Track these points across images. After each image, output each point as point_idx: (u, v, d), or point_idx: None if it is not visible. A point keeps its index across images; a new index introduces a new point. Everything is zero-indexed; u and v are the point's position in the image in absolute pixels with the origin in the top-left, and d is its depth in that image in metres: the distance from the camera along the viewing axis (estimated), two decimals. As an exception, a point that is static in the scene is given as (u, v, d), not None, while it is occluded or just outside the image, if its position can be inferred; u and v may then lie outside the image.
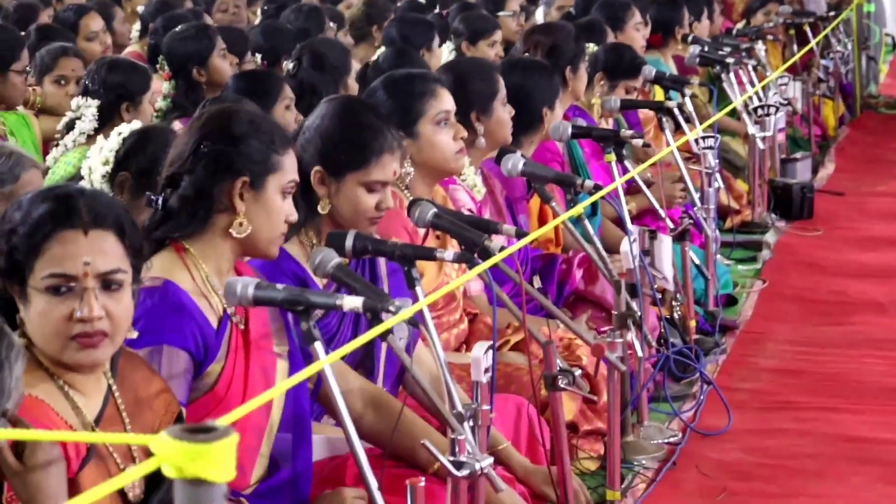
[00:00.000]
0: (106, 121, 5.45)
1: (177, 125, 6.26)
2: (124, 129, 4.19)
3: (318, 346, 2.96)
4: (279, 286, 3.01)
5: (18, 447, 2.44)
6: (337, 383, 3.57)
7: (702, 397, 5.26)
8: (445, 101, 4.64)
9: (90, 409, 2.86)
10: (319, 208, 3.84)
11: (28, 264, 2.79)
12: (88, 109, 5.47)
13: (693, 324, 5.78)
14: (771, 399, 5.40)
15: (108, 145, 4.14)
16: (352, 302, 2.97)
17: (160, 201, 3.40)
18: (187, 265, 3.37)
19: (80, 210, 2.81)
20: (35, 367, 2.83)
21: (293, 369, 3.44)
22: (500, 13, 9.26)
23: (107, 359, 2.88)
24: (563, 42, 6.38)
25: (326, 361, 2.84)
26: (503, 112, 5.24)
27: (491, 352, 3.57)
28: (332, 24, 8.46)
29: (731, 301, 6.64)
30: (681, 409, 5.20)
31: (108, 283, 2.81)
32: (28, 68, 6.11)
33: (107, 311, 2.80)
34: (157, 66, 6.58)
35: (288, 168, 3.44)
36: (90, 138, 5.31)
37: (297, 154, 3.58)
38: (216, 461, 1.77)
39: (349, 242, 3.56)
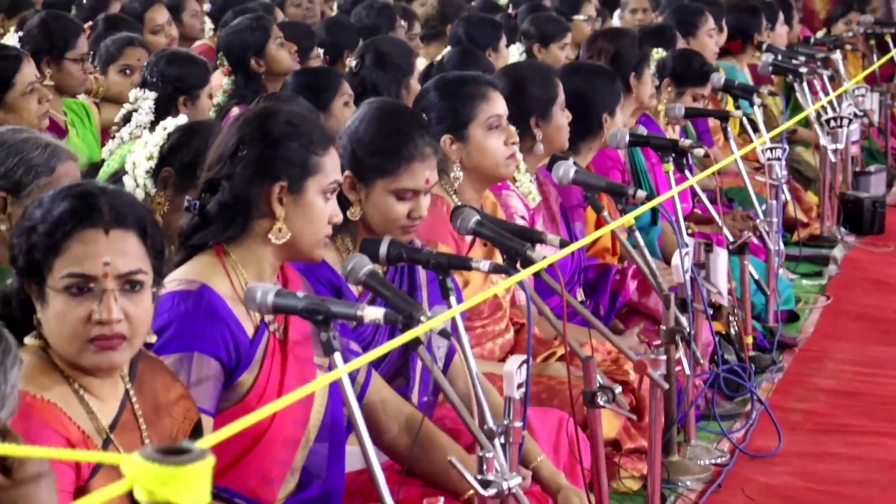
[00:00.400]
0: (163, 114, 5.39)
1: (235, 111, 6.25)
2: (169, 123, 4.13)
3: (338, 356, 2.88)
4: (299, 294, 2.94)
5: (7, 459, 2.38)
6: (373, 396, 3.52)
7: (753, 417, 5.12)
8: (497, 105, 4.55)
9: (106, 414, 2.80)
10: (349, 214, 3.76)
11: (47, 263, 2.73)
12: (146, 102, 5.43)
13: (750, 340, 5.65)
14: (825, 421, 5.26)
15: (153, 140, 4.09)
16: (373, 313, 2.89)
17: (198, 206, 3.33)
18: (227, 270, 3.28)
19: (102, 209, 2.74)
20: (51, 370, 2.77)
21: (333, 384, 3.34)
22: (575, 17, 9.15)
23: (125, 362, 2.83)
24: (627, 48, 6.27)
25: (345, 370, 2.77)
26: (562, 118, 5.15)
27: (525, 366, 3.48)
28: (403, 22, 8.39)
29: (792, 317, 6.50)
30: (731, 428, 5.08)
31: (128, 284, 2.75)
32: (86, 56, 6.07)
33: (126, 313, 2.74)
34: (217, 60, 6.56)
35: (329, 169, 3.34)
36: (149, 130, 5.27)
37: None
38: (190, 485, 1.70)
39: (383, 249, 3.49)
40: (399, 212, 3.79)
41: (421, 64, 6.86)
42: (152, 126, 5.39)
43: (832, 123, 7.87)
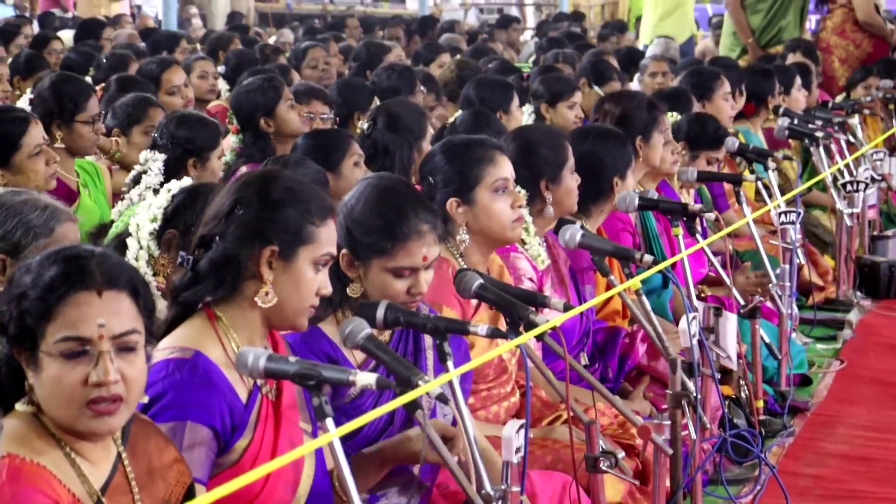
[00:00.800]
0: (172, 175, 5.42)
1: (244, 170, 6.28)
2: (174, 185, 4.15)
3: (330, 422, 2.87)
4: (291, 359, 2.94)
5: None
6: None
7: (762, 483, 5.09)
8: (504, 168, 4.56)
9: (97, 478, 2.80)
10: (349, 291, 3.76)
11: (40, 329, 2.73)
12: (155, 163, 5.46)
13: (760, 404, 5.62)
14: (835, 487, 5.21)
15: (157, 202, 4.11)
16: (365, 378, 2.89)
17: (190, 261, 3.33)
18: (219, 334, 3.28)
19: (93, 271, 2.76)
20: (43, 434, 2.77)
21: (318, 449, 3.35)
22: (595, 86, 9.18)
23: (122, 425, 2.83)
24: (634, 111, 6.27)
25: (336, 434, 2.76)
26: (571, 181, 5.16)
27: (524, 431, 3.47)
28: (422, 87, 8.42)
29: (805, 381, 6.46)
30: (739, 493, 5.04)
31: (123, 345, 2.76)
32: (97, 118, 6.12)
33: (122, 374, 2.74)
34: (227, 121, 6.61)
35: (324, 240, 3.33)
36: (156, 192, 5.29)
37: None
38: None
39: (380, 313, 3.49)
40: (397, 289, 3.77)
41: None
42: (161, 188, 5.42)
43: (848, 187, 7.85)
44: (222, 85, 9.08)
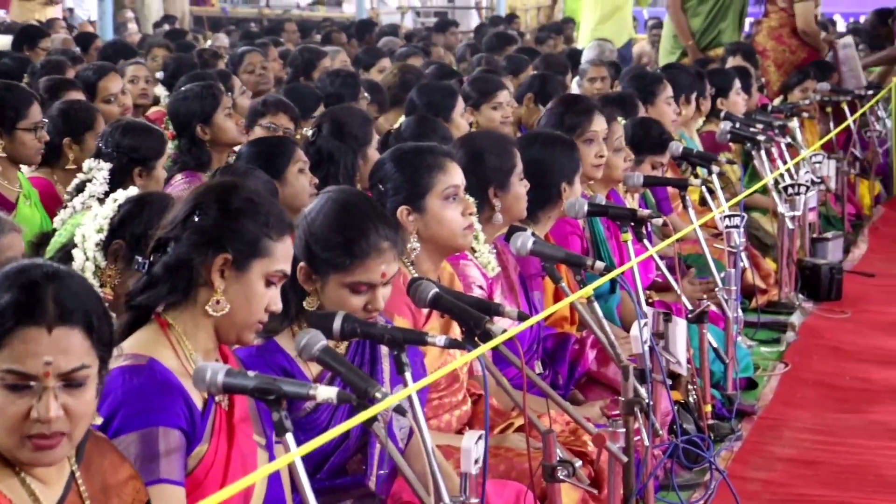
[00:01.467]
0: (117, 184, 5.35)
1: (178, 178, 6.21)
2: (119, 195, 4.09)
3: (290, 437, 2.84)
4: (250, 373, 2.90)
5: None
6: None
7: (712, 488, 5.09)
8: (454, 176, 4.54)
9: (50, 498, 2.75)
10: (306, 304, 3.73)
11: None
12: (100, 172, 5.38)
13: (709, 409, 5.63)
14: (784, 491, 5.24)
15: (103, 212, 4.05)
16: (325, 392, 2.86)
17: (146, 265, 3.29)
18: (171, 342, 3.25)
19: (47, 304, 2.66)
20: None
21: (272, 462, 3.31)
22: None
23: (65, 456, 2.76)
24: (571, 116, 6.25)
25: (299, 453, 2.73)
26: (520, 187, 5.14)
27: (483, 441, 3.45)
28: (366, 94, 8.37)
29: (751, 385, 6.49)
30: (690, 498, 5.06)
31: (70, 381, 2.69)
32: (40, 125, 6.03)
33: (66, 408, 2.68)
34: (163, 126, 6.54)
35: (279, 256, 3.30)
36: (100, 202, 5.22)
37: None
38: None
39: (337, 324, 3.46)
40: (354, 305, 3.74)
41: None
42: (105, 197, 5.35)
43: (790, 190, 7.90)
44: (160, 90, 9.00)
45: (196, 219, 3.27)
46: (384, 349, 3.92)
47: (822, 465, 5.53)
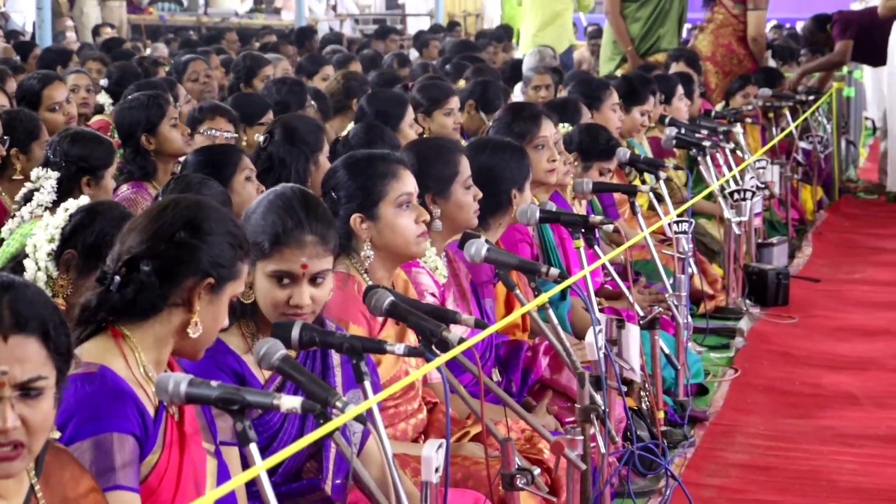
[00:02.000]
0: (66, 194, 5.27)
1: (125, 188, 6.14)
2: (71, 205, 4.04)
3: (254, 447, 2.80)
4: (213, 383, 2.85)
5: None
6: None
7: (668, 494, 5.08)
8: (407, 183, 4.50)
9: (9, 512, 2.69)
10: (242, 297, 3.68)
11: None
12: (48, 181, 5.31)
13: (661, 415, 5.62)
14: (739, 497, 5.23)
15: (54, 222, 4.00)
16: (290, 402, 2.81)
17: (115, 281, 3.22)
18: (123, 352, 3.21)
19: (2, 312, 2.60)
20: None
21: (221, 469, 3.28)
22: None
23: (23, 469, 2.70)
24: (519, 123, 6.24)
25: (264, 467, 2.68)
26: (464, 195, 5.07)
27: (443, 450, 3.42)
28: (312, 102, 8.32)
29: (702, 390, 6.50)
30: (645, 505, 5.04)
31: (26, 391, 2.63)
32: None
33: (23, 419, 2.62)
34: (109, 133, 6.47)
35: (243, 278, 3.33)
36: (49, 210, 5.15)
37: None
38: None
39: (295, 333, 3.42)
40: (278, 297, 3.71)
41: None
42: (54, 206, 5.27)
43: (736, 196, 7.92)
44: (104, 98, 8.91)
45: (177, 239, 3.23)
46: (335, 359, 3.89)
47: (775, 471, 5.53)
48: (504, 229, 5.65)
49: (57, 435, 2.76)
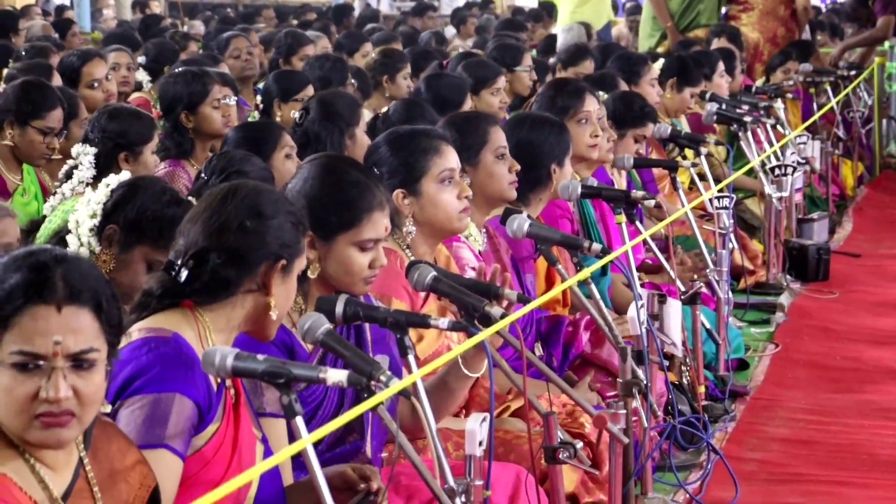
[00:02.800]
0: (104, 169, 5.31)
1: (161, 166, 6.15)
2: (112, 180, 4.06)
3: (300, 420, 2.81)
4: (259, 357, 2.87)
5: None
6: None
7: (709, 468, 5.09)
8: (450, 159, 4.51)
9: (58, 484, 2.73)
10: (309, 272, 3.71)
11: None
12: (86, 157, 5.35)
13: (702, 390, 5.63)
14: (780, 471, 5.23)
15: (95, 198, 4.01)
16: (336, 376, 2.83)
17: (184, 272, 3.25)
18: (198, 327, 3.25)
19: (56, 283, 2.65)
20: (4, 444, 2.69)
21: (267, 455, 3.31)
22: (516, 68, 9.13)
23: (74, 438, 2.74)
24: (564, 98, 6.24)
25: (309, 440, 2.70)
26: (495, 165, 5.06)
27: (486, 424, 3.43)
28: (353, 80, 8.33)
29: (742, 365, 6.50)
30: (687, 479, 5.05)
31: (79, 362, 2.67)
32: (51, 130, 6.03)
33: (75, 390, 2.66)
34: (152, 104, 6.49)
35: (307, 251, 3.41)
36: (90, 187, 5.19)
37: None
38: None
39: (339, 308, 3.43)
40: (362, 263, 3.77)
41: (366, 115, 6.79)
42: (94, 182, 5.31)
43: (777, 172, 7.89)
44: (143, 76, 8.95)
45: (246, 226, 3.27)
46: (369, 335, 3.91)
47: (816, 445, 5.53)
48: (544, 205, 5.65)
49: (108, 409, 2.79)
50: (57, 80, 7.29)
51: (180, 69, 6.69)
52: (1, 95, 6.04)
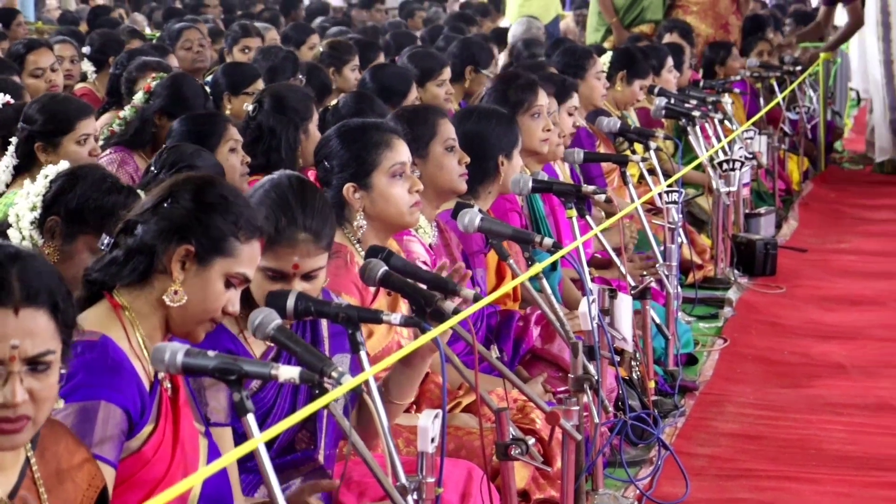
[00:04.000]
0: (26, 160, 5.25)
1: (108, 152, 6.08)
2: (51, 171, 3.99)
3: (251, 418, 2.77)
4: (210, 353, 2.83)
5: None
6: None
7: (659, 463, 5.08)
8: (401, 153, 4.48)
9: (4, 483, 2.67)
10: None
11: None
12: (10, 147, 5.30)
13: (652, 385, 5.62)
14: (729, 466, 5.23)
15: (35, 189, 3.95)
16: (288, 372, 2.79)
17: (109, 244, 3.23)
18: (124, 325, 3.19)
19: (12, 284, 2.59)
20: None
21: (211, 450, 3.28)
22: (483, 70, 9.09)
23: (27, 441, 2.69)
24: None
25: (261, 439, 2.66)
26: (445, 157, 5.03)
27: (439, 420, 3.41)
28: (301, 76, 8.26)
29: (691, 360, 6.50)
30: (638, 474, 5.04)
31: (35, 365, 2.61)
32: None
33: (31, 392, 2.60)
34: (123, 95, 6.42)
35: (244, 258, 3.22)
36: (28, 179, 5.10)
37: None
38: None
39: (290, 303, 3.39)
40: (269, 291, 3.59)
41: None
42: (17, 172, 5.24)
43: (725, 166, 7.91)
44: (87, 66, 8.86)
45: (167, 206, 3.21)
46: (325, 330, 3.87)
47: (765, 440, 5.54)
48: (494, 198, 5.62)
49: (60, 404, 2.74)
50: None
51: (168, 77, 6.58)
52: None
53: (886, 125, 12.00)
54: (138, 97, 6.38)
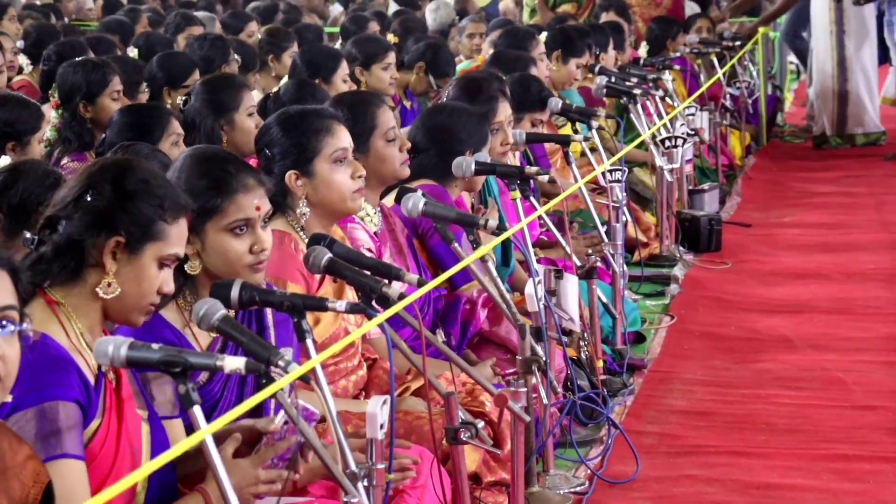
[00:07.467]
0: None
1: (66, 161, 6.05)
2: None
3: (198, 409, 2.75)
4: (154, 346, 2.81)
5: None
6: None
7: (609, 442, 5.09)
8: (342, 138, 4.46)
9: (-50, 482, 2.65)
10: (188, 269, 3.64)
11: None
12: None
13: (600, 364, 5.62)
14: (679, 443, 5.24)
15: None
16: (234, 363, 2.77)
17: (34, 242, 3.20)
18: (60, 320, 3.17)
19: None
20: None
21: (154, 434, 3.26)
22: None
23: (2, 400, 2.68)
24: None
25: (208, 431, 2.63)
26: (386, 148, 5.01)
27: (387, 406, 3.39)
28: (237, 56, 8.22)
29: (639, 338, 6.51)
30: (588, 454, 5.04)
31: (2, 320, 2.62)
32: None
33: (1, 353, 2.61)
34: (50, 91, 6.36)
35: (173, 239, 3.24)
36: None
37: None
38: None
39: (235, 293, 3.37)
40: (239, 249, 3.68)
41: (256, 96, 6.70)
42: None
43: (667, 144, 7.92)
44: (23, 59, 8.78)
45: (89, 199, 3.19)
46: (270, 319, 3.85)
47: (714, 416, 5.55)
48: (460, 192, 5.67)
49: (9, 399, 2.72)
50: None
51: (82, 59, 6.53)
52: None
53: (832, 96, 11.99)
54: (53, 115, 6.33)
